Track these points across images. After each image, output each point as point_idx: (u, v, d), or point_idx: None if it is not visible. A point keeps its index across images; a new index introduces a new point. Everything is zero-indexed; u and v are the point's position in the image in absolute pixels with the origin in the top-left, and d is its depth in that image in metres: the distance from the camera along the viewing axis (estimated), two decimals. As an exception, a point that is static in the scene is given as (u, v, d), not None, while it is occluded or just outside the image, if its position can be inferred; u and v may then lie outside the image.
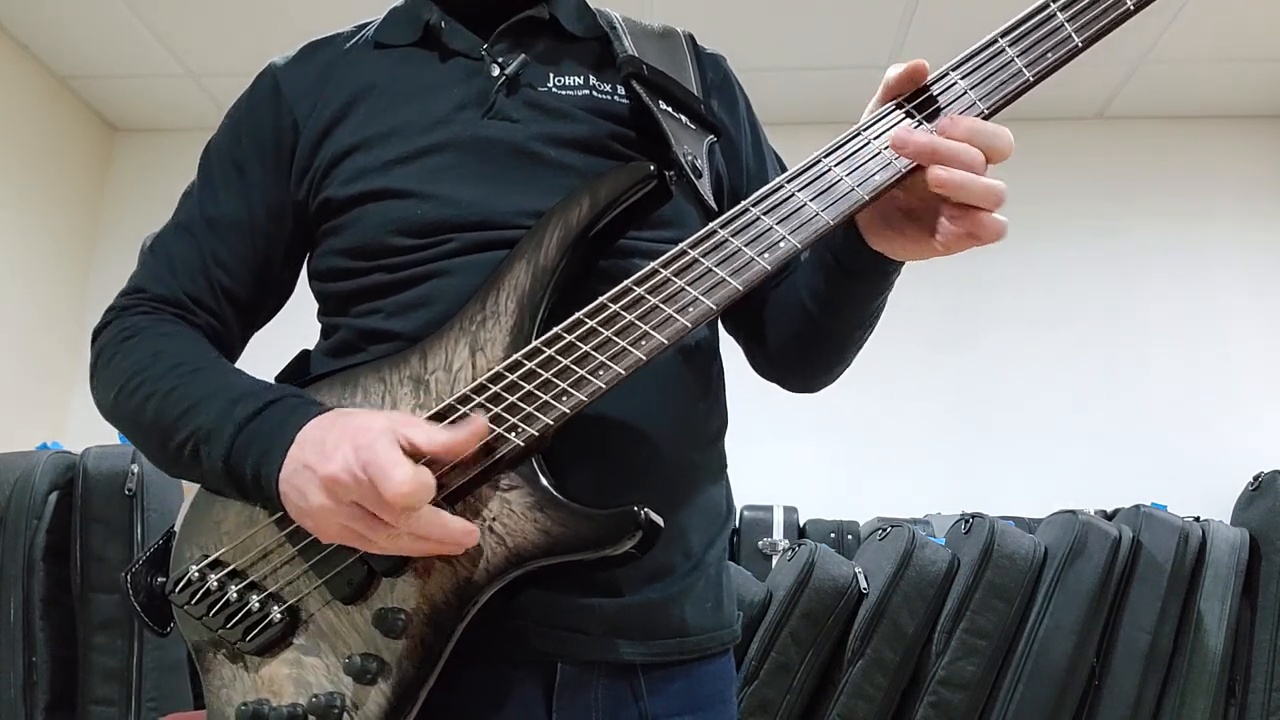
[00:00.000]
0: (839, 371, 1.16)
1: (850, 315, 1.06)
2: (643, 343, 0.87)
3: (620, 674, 0.98)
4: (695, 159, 1.05)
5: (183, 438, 0.95)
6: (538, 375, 0.88)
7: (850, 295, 1.03)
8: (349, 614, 0.91)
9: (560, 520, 0.86)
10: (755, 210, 0.88)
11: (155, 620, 1.01)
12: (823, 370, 1.16)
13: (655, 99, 1.06)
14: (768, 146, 1.23)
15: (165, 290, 1.09)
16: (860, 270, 0.99)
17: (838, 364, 1.15)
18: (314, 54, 1.16)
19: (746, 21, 3.39)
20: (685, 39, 1.19)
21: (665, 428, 1.00)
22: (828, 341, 1.10)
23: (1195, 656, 2.41)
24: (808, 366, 1.16)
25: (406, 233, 1.02)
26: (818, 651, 2.38)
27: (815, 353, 1.13)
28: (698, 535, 1.04)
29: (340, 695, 0.90)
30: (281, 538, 0.94)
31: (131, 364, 1.02)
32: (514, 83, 1.07)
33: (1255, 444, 3.47)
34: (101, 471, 2.45)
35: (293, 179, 1.10)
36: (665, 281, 0.88)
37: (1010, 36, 0.87)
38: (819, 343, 1.11)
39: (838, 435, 3.65)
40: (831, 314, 1.06)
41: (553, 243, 0.93)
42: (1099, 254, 3.75)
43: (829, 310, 1.05)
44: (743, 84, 1.24)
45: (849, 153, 0.88)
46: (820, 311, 1.06)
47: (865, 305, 1.05)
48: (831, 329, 1.08)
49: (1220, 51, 3.45)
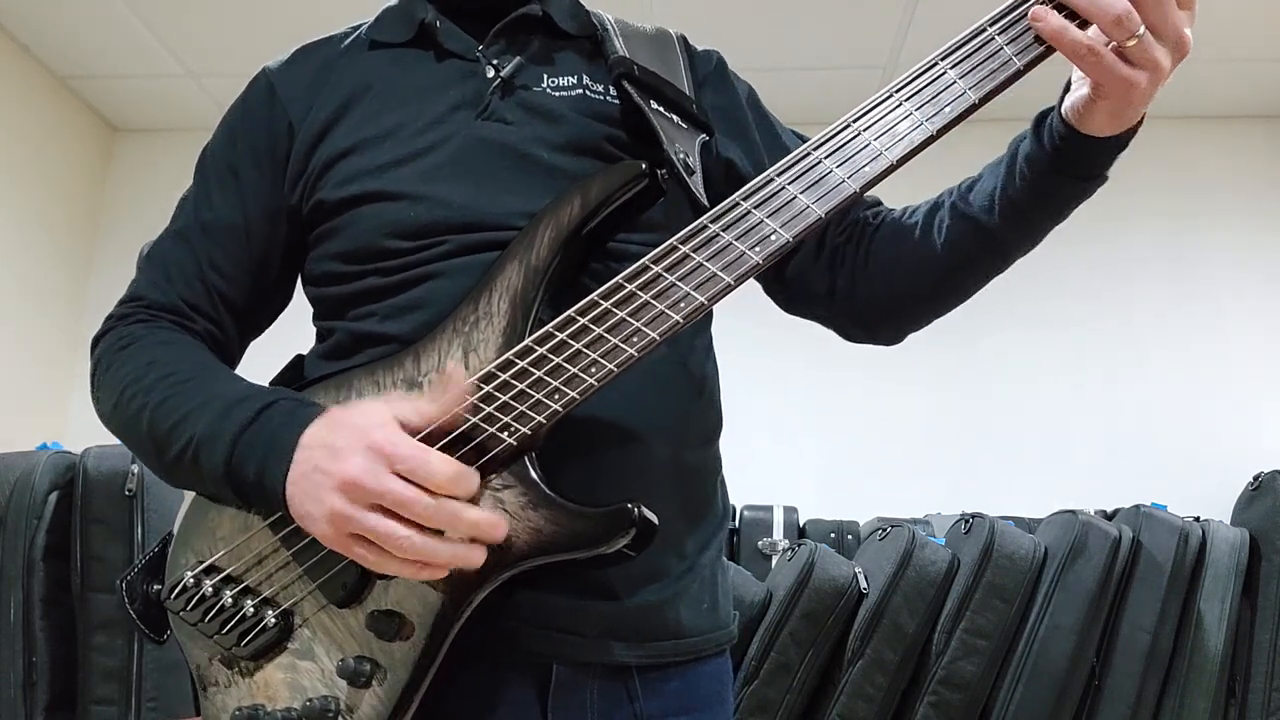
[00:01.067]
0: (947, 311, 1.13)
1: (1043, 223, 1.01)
2: (634, 339, 0.87)
3: (615, 675, 0.98)
4: (687, 157, 1.05)
5: (180, 447, 0.95)
6: (530, 374, 0.88)
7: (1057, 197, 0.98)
8: (343, 617, 0.91)
9: (554, 519, 0.86)
10: (745, 204, 0.88)
11: (152, 627, 1.01)
12: (947, 305, 1.12)
13: (646, 99, 1.06)
14: (780, 124, 1.22)
15: (163, 298, 1.09)
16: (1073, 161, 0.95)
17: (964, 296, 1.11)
18: (308, 57, 1.16)
19: (746, 21, 3.39)
20: (677, 39, 1.19)
21: (659, 428, 1.00)
22: (987, 266, 1.06)
23: (1195, 656, 2.40)
24: (936, 304, 1.12)
25: (400, 235, 1.01)
26: (818, 651, 2.37)
27: (961, 284, 1.09)
28: (692, 537, 1.04)
29: (335, 699, 0.90)
30: (276, 542, 0.94)
31: (126, 374, 1.02)
32: (509, 85, 1.08)
33: (1255, 444, 3.46)
34: (101, 472, 2.45)
35: (287, 183, 1.10)
36: (656, 278, 0.88)
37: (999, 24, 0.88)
38: (975, 271, 1.07)
39: (838, 435, 3.64)
40: (1019, 225, 1.01)
41: (544, 243, 0.93)
42: (1099, 254, 3.75)
43: (1018, 221, 1.00)
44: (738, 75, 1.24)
45: (839, 144, 0.88)
46: (1004, 225, 1.01)
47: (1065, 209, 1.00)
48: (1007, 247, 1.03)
49: (1219, 51, 3.44)
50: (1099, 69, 0.87)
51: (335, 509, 0.83)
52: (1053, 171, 0.96)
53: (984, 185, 1.03)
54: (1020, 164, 0.98)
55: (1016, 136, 1.01)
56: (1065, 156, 0.95)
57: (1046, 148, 0.95)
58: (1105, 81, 0.87)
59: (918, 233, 1.09)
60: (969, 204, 1.04)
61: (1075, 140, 0.93)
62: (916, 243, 1.09)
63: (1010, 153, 1.01)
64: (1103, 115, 0.91)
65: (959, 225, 1.05)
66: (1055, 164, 0.96)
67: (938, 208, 1.08)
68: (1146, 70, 0.87)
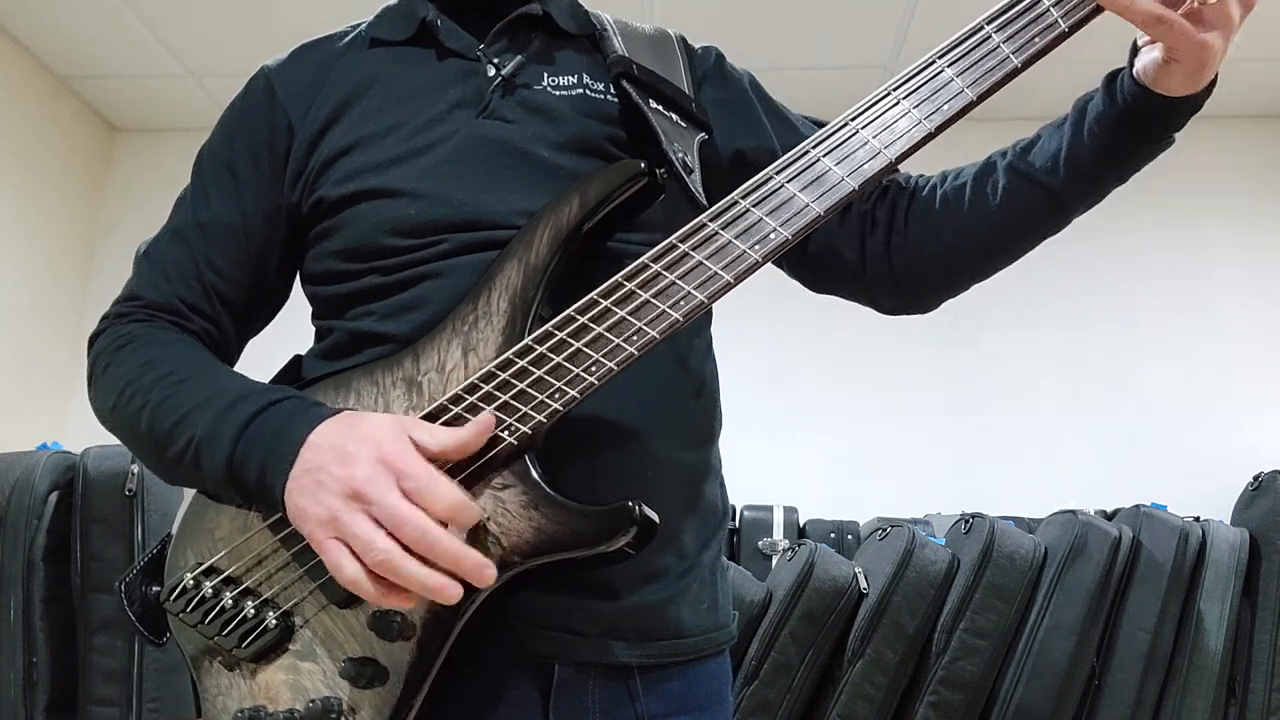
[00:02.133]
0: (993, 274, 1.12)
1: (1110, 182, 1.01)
2: (635, 337, 0.87)
3: (616, 675, 0.98)
4: (686, 156, 1.05)
5: (180, 446, 0.95)
6: (530, 373, 0.88)
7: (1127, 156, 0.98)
8: (344, 618, 0.91)
9: (555, 518, 0.86)
10: (744, 203, 0.88)
11: (151, 629, 1.01)
12: (995, 267, 1.11)
13: (645, 98, 1.06)
14: (784, 108, 1.22)
15: (160, 297, 1.09)
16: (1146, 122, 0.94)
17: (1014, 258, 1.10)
18: (307, 55, 1.16)
19: (746, 21, 3.39)
20: (676, 39, 1.19)
21: (659, 428, 1.00)
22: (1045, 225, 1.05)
23: (1195, 656, 2.40)
24: (983, 266, 1.11)
25: (399, 233, 1.01)
26: (818, 651, 2.37)
27: (1013, 244, 1.08)
28: (693, 536, 1.04)
29: (337, 699, 0.90)
30: (276, 543, 0.94)
31: (124, 373, 1.02)
32: (509, 84, 1.08)
33: (1255, 444, 3.46)
34: (102, 472, 2.45)
35: (287, 181, 1.10)
36: (656, 276, 0.88)
37: (997, 23, 0.88)
38: (1030, 230, 1.06)
39: (838, 435, 3.64)
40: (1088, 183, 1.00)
41: (544, 242, 0.93)
42: (1099, 254, 3.75)
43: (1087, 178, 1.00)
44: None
45: (838, 143, 0.89)
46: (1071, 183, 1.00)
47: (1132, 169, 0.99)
48: (1069, 206, 1.03)
49: (1220, 51, 3.43)
50: (1172, 36, 0.86)
51: (334, 511, 0.83)
52: (1126, 132, 0.96)
53: (1046, 145, 1.03)
54: (1090, 124, 0.98)
55: (1082, 97, 1.00)
56: (1139, 117, 0.94)
57: (1120, 107, 0.95)
58: (1179, 46, 0.87)
59: (969, 194, 1.08)
60: (1030, 165, 1.03)
61: (1150, 101, 0.93)
62: (970, 204, 1.08)
63: (1077, 111, 1.00)
64: (1178, 77, 0.91)
65: (1020, 185, 1.04)
66: (1129, 124, 0.95)
67: (990, 169, 1.07)
68: (1219, 29, 0.87)
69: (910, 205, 1.12)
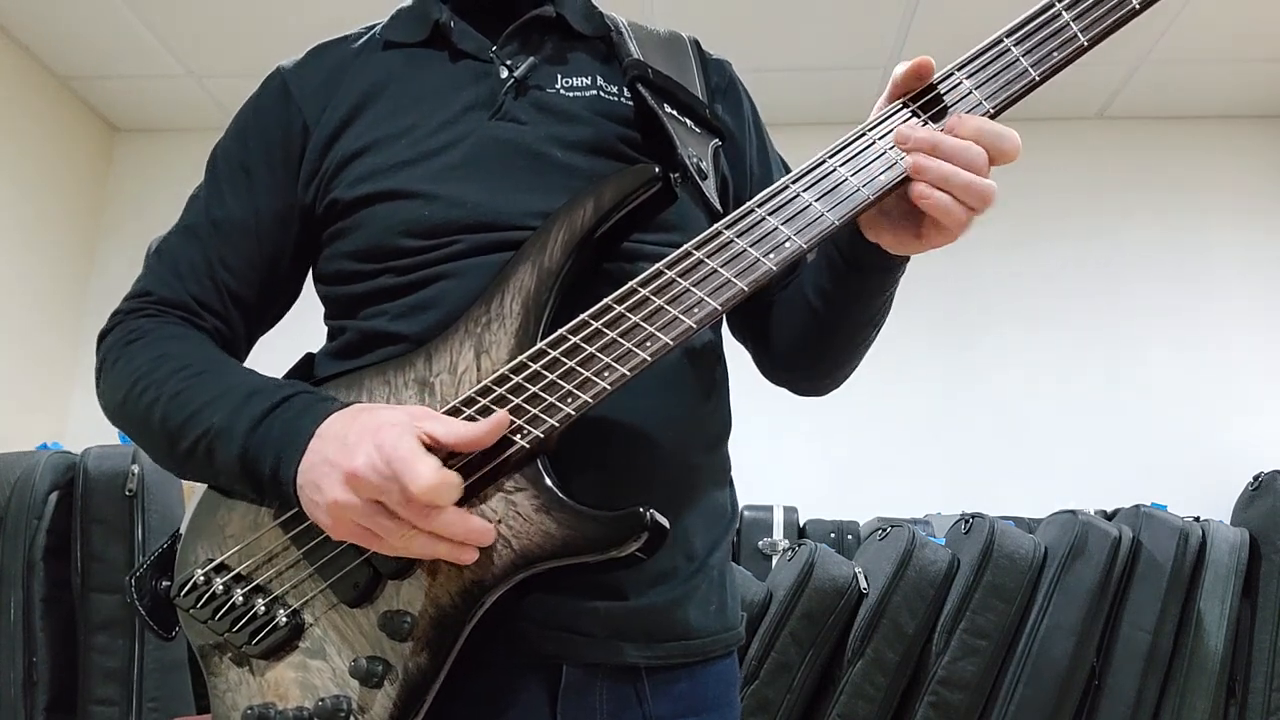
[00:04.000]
0: (847, 373, 1.17)
1: (856, 313, 1.06)
2: (648, 344, 0.87)
3: (624, 676, 0.98)
4: (700, 161, 1.05)
5: (193, 439, 0.95)
6: (543, 377, 0.88)
7: (856, 292, 1.03)
8: (355, 617, 0.92)
9: (566, 522, 0.86)
10: (760, 211, 0.88)
11: (160, 624, 1.01)
12: (831, 371, 1.16)
13: (660, 102, 1.06)
14: (774, 151, 1.23)
15: (171, 293, 1.09)
16: (865, 265, 0.99)
17: (845, 365, 1.15)
18: (322, 55, 1.16)
19: (747, 21, 3.39)
20: (690, 44, 1.19)
21: (670, 430, 1.00)
22: (834, 341, 1.10)
23: (1195, 656, 2.41)
24: (816, 368, 1.16)
25: (414, 234, 1.01)
26: (818, 651, 2.38)
27: (822, 354, 1.13)
28: (702, 538, 1.04)
29: (346, 698, 0.90)
30: (287, 541, 0.94)
31: (137, 367, 1.02)
32: (522, 85, 1.08)
33: (1255, 444, 3.47)
34: (102, 471, 2.45)
35: (300, 182, 1.10)
36: (670, 283, 0.88)
37: (1015, 36, 0.88)
38: (825, 343, 1.11)
39: (838, 435, 3.65)
40: (838, 312, 1.06)
41: (558, 245, 0.93)
42: (1099, 253, 3.76)
43: (835, 308, 1.05)
44: (744, 84, 1.24)
45: (854, 153, 0.89)
46: (826, 310, 1.06)
47: (871, 302, 1.05)
48: (838, 327, 1.08)
49: (1220, 51, 3.46)
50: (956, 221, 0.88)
51: (336, 499, 0.85)
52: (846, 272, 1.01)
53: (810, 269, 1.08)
54: (821, 259, 1.03)
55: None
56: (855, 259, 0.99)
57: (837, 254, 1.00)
58: (953, 227, 0.89)
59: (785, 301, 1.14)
60: (803, 283, 1.09)
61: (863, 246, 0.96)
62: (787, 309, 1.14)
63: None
64: (910, 242, 0.93)
65: (796, 301, 1.10)
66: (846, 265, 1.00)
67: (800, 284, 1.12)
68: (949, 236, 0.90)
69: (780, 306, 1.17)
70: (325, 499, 0.85)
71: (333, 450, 0.86)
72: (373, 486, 0.83)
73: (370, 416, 0.87)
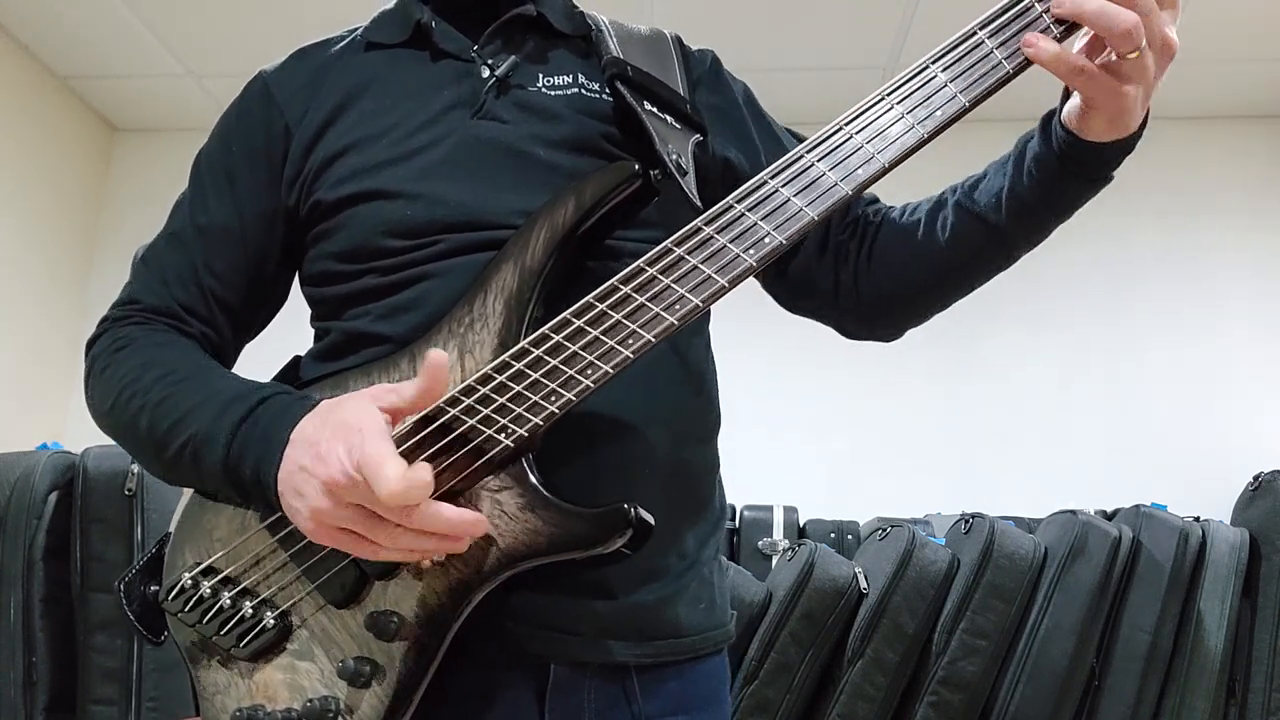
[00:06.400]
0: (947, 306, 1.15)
1: (1051, 221, 1.02)
2: (630, 340, 0.87)
3: (613, 675, 0.98)
4: (680, 158, 1.05)
5: (179, 446, 0.95)
6: (526, 376, 0.88)
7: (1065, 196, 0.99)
8: (342, 618, 0.92)
9: (551, 520, 0.86)
10: (739, 207, 0.88)
11: (149, 628, 1.01)
12: (947, 302, 1.14)
13: (640, 100, 1.06)
14: (776, 122, 1.23)
15: (158, 300, 1.09)
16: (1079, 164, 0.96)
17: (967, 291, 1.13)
18: (304, 59, 1.16)
19: (746, 21, 3.39)
20: (672, 40, 1.19)
21: (656, 427, 1.00)
22: (992, 262, 1.08)
23: (1195, 656, 2.40)
24: (938, 298, 1.14)
25: (396, 234, 1.01)
26: (818, 651, 2.37)
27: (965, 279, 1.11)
28: (691, 535, 1.04)
29: (335, 699, 0.90)
30: (273, 543, 0.94)
31: (123, 375, 1.02)
32: (504, 84, 1.08)
33: (1255, 444, 3.46)
34: (102, 471, 2.45)
35: (284, 185, 1.10)
36: (652, 279, 0.88)
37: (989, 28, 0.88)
38: (979, 267, 1.09)
39: (837, 435, 3.64)
40: (1028, 225, 1.02)
41: (539, 244, 0.93)
42: (1099, 254, 3.75)
43: (1029, 220, 1.02)
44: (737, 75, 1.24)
45: (832, 147, 0.89)
46: (1014, 224, 1.02)
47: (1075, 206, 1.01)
48: (1013, 244, 1.05)
49: (1220, 51, 3.45)
50: (1089, 87, 0.88)
51: (317, 507, 0.84)
52: (1060, 172, 0.97)
53: (990, 183, 1.04)
54: (1029, 164, 0.99)
55: (1024, 135, 1.01)
56: (1071, 159, 0.95)
57: (1054, 148, 0.96)
58: (1097, 96, 0.88)
59: (921, 230, 1.10)
60: (975, 202, 1.05)
61: (1078, 145, 0.94)
62: (921, 239, 1.10)
63: (1018, 151, 1.01)
64: (1099, 124, 0.92)
65: (966, 222, 1.06)
66: (1062, 165, 0.96)
67: (941, 205, 1.09)
68: (1136, 81, 0.88)
69: (874, 240, 1.15)
70: (307, 507, 0.85)
71: (307, 458, 0.85)
72: (348, 491, 0.82)
73: (338, 415, 0.87)
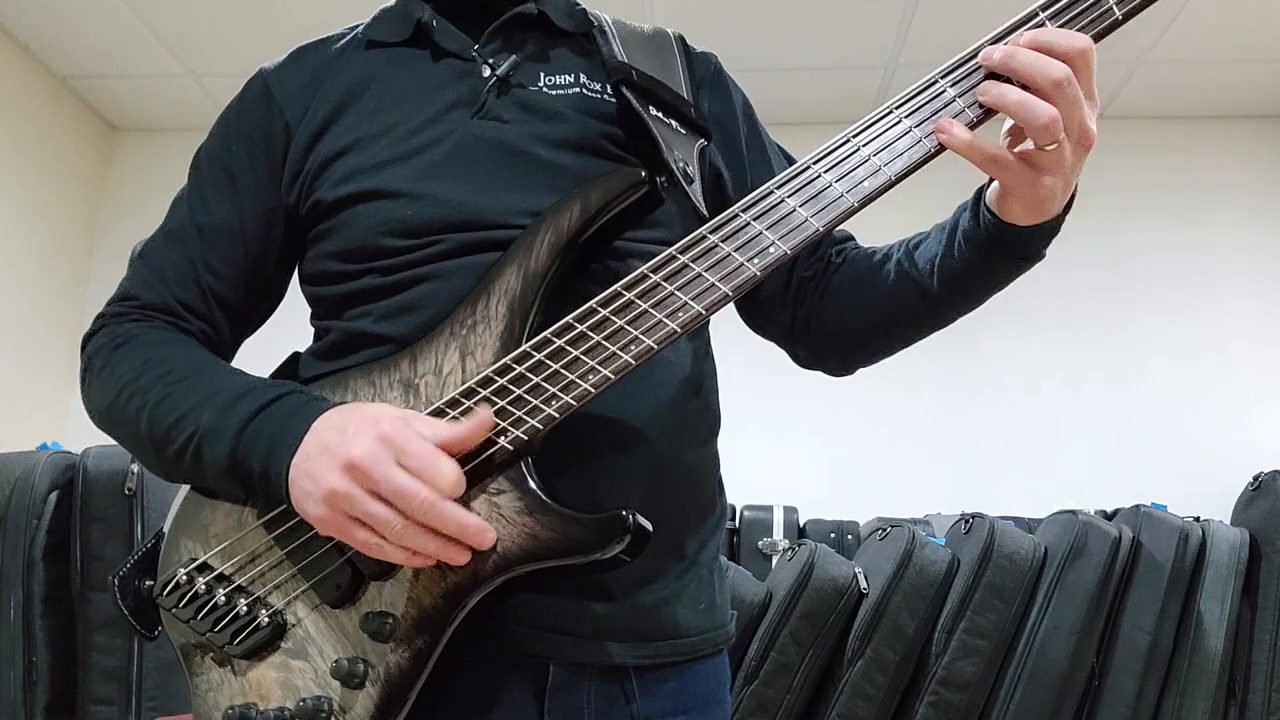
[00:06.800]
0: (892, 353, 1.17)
1: (978, 296, 1.05)
2: (631, 347, 0.87)
3: (612, 676, 0.98)
4: (686, 165, 1.05)
5: (181, 442, 0.95)
6: (527, 379, 0.88)
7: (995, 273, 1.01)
8: (337, 618, 0.91)
9: (548, 525, 0.86)
10: (745, 216, 0.88)
11: (143, 624, 1.01)
12: (892, 351, 1.16)
13: (645, 104, 1.05)
14: (769, 138, 1.23)
15: (156, 297, 1.09)
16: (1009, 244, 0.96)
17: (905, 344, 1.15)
18: (304, 57, 1.16)
19: (746, 21, 3.39)
20: (675, 40, 1.19)
21: (656, 429, 0.99)
22: (927, 323, 1.10)
23: (1195, 656, 2.40)
24: (883, 349, 1.16)
25: (397, 234, 1.01)
26: (818, 651, 2.37)
27: (905, 335, 1.13)
28: (690, 537, 1.03)
29: (328, 699, 0.90)
30: (270, 541, 0.94)
31: (123, 373, 1.02)
32: (505, 83, 1.08)
33: (1255, 444, 3.46)
34: (101, 471, 2.45)
35: (284, 183, 1.10)
36: (655, 286, 0.88)
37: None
38: (916, 325, 1.11)
39: (837, 435, 3.64)
40: (959, 293, 1.04)
41: (543, 248, 0.93)
42: (1099, 254, 3.75)
43: (960, 289, 1.03)
44: (743, 84, 1.24)
45: (838, 159, 0.89)
46: (947, 290, 1.04)
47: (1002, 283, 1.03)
48: (947, 309, 1.07)
49: (1220, 51, 3.45)
50: (1006, 175, 0.89)
51: (334, 488, 0.84)
52: (988, 251, 0.98)
53: (928, 249, 1.06)
54: (959, 238, 1.00)
55: (961, 205, 1.02)
56: (995, 240, 0.96)
57: (981, 227, 0.97)
58: (1014, 185, 0.89)
59: (867, 282, 1.12)
60: (914, 264, 1.07)
61: (1001, 227, 0.95)
62: (866, 291, 1.12)
63: (953, 222, 1.03)
64: (1019, 209, 0.92)
65: (904, 283, 1.08)
66: (989, 244, 0.97)
67: (886, 259, 1.11)
68: (1052, 173, 0.88)
69: (829, 283, 1.16)
70: (321, 488, 0.85)
71: (331, 440, 0.86)
72: (370, 476, 0.82)
73: (368, 410, 0.87)
